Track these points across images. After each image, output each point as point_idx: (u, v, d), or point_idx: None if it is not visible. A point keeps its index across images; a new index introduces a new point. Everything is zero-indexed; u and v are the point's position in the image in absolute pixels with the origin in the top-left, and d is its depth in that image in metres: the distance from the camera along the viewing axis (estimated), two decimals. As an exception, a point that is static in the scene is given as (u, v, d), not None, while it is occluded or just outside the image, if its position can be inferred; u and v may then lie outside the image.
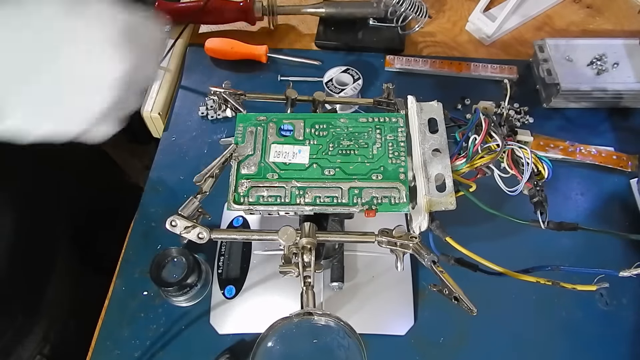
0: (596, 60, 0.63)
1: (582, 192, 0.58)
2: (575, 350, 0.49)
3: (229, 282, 0.51)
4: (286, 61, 0.69)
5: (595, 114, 0.64)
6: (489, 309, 0.49)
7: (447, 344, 0.49)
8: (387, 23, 0.71)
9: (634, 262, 0.38)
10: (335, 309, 0.49)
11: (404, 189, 0.37)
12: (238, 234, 0.37)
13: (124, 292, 0.52)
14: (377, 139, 0.39)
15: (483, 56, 0.70)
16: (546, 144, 0.59)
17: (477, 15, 0.71)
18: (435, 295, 0.35)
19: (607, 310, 0.51)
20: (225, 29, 0.74)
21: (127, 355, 0.49)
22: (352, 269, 0.51)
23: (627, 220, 0.56)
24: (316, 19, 0.73)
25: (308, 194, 0.37)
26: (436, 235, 0.37)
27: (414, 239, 0.35)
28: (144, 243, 0.55)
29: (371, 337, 0.49)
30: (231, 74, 0.69)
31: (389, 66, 0.68)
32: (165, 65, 0.67)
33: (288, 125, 0.40)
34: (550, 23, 0.74)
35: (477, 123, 0.40)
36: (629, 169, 0.58)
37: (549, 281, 0.38)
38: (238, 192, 0.37)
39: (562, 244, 0.54)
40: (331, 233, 0.38)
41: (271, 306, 0.50)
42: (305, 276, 0.34)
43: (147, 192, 0.59)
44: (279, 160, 0.38)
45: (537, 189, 0.38)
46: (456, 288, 0.33)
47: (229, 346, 0.49)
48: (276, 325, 0.33)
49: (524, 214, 0.39)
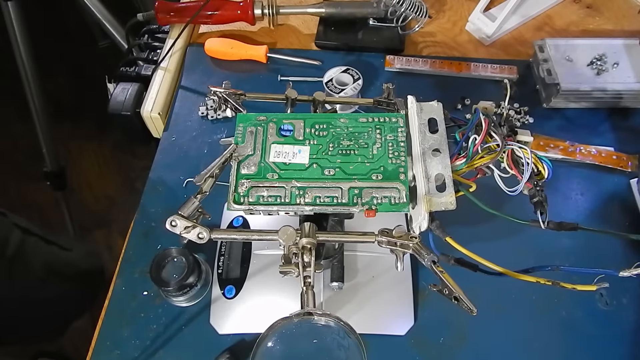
0: (596, 60, 0.63)
1: (582, 192, 0.58)
2: (575, 350, 0.49)
3: (229, 282, 0.51)
4: (286, 61, 0.69)
5: (595, 114, 0.64)
6: (489, 309, 0.49)
7: (447, 344, 0.49)
8: (387, 23, 0.71)
9: (634, 262, 0.38)
10: (335, 309, 0.49)
11: (404, 189, 0.37)
12: (238, 234, 0.37)
13: (124, 292, 0.52)
14: (377, 139, 0.39)
15: (483, 56, 0.70)
16: (546, 144, 0.59)
17: (477, 15, 0.71)
18: (435, 295, 0.35)
19: (607, 310, 0.51)
20: (225, 29, 0.74)
21: (127, 355, 0.49)
22: (352, 269, 0.51)
23: (627, 220, 0.56)
24: (316, 19, 0.73)
25: (308, 194, 0.37)
26: (436, 235, 0.37)
27: (414, 239, 0.35)
28: (144, 243, 0.55)
29: (371, 337, 0.49)
30: (231, 74, 0.69)
31: (389, 66, 0.68)
32: (165, 65, 0.67)
33: (288, 125, 0.40)
34: (550, 23, 0.74)
35: (477, 123, 0.40)
36: (629, 169, 0.58)
37: (549, 281, 0.38)
38: (238, 192, 0.37)
39: (562, 244, 0.54)
40: (331, 233, 0.38)
41: (271, 306, 0.50)
42: (305, 276, 0.34)
43: (147, 192, 0.59)
44: (279, 160, 0.38)
45: (537, 189, 0.38)
46: (456, 288, 0.33)
47: (229, 346, 0.49)
48: (276, 325, 0.33)
49: (524, 214, 0.39)
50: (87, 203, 1.33)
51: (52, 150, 1.11)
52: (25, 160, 1.35)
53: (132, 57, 0.72)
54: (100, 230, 1.27)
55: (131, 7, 1.13)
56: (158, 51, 0.71)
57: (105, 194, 1.35)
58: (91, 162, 1.40)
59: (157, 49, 0.72)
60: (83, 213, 1.28)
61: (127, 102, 0.64)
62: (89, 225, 1.27)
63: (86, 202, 1.33)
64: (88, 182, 1.37)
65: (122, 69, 0.70)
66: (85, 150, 1.41)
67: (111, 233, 1.27)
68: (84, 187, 1.36)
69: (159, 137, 0.64)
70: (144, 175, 0.61)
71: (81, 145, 1.41)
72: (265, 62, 0.69)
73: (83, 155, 1.40)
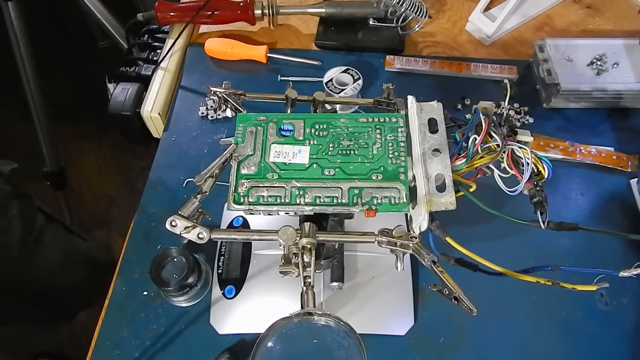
0: (596, 60, 0.63)
1: (582, 192, 0.58)
2: (575, 350, 0.49)
3: (229, 282, 0.51)
4: (286, 61, 0.69)
5: (595, 114, 0.64)
6: (489, 309, 0.49)
7: (447, 344, 0.49)
8: (387, 23, 0.71)
9: (634, 262, 0.38)
10: (335, 309, 0.49)
11: (404, 189, 0.37)
12: (238, 234, 0.37)
13: (124, 292, 0.52)
14: (377, 139, 0.39)
15: (483, 56, 0.70)
16: (546, 144, 0.59)
17: (477, 15, 0.71)
18: (435, 295, 0.35)
19: (607, 310, 0.51)
20: (225, 29, 0.74)
21: (127, 355, 0.49)
22: (352, 269, 0.51)
23: (627, 220, 0.56)
24: (316, 19, 0.73)
25: (308, 194, 0.37)
26: (436, 235, 0.37)
27: (414, 239, 0.35)
28: (144, 243, 0.55)
29: (371, 337, 0.49)
30: (231, 74, 0.69)
31: (389, 66, 0.68)
32: (165, 66, 0.67)
33: (288, 125, 0.40)
34: (550, 23, 0.74)
35: (477, 123, 0.40)
36: (629, 169, 0.58)
37: (549, 281, 0.38)
38: (238, 192, 0.37)
39: (562, 244, 0.54)
40: (331, 233, 0.38)
41: (271, 306, 0.50)
42: (305, 276, 0.34)
43: (147, 192, 0.59)
44: (279, 160, 0.38)
45: (537, 189, 0.38)
46: (456, 288, 0.33)
47: (229, 346, 0.49)
48: (276, 325, 0.33)
49: (524, 214, 0.39)
50: (87, 203, 1.33)
51: (52, 150, 1.11)
52: (25, 160, 1.35)
53: (132, 57, 0.72)
54: (100, 230, 1.27)
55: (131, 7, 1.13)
56: (158, 51, 0.71)
57: (105, 193, 1.35)
58: (91, 162, 1.40)
59: (157, 49, 0.72)
60: (83, 213, 1.29)
61: (127, 102, 0.64)
62: (88, 225, 1.27)
63: (86, 202, 1.33)
64: (88, 182, 1.37)
65: (122, 69, 0.70)
66: (85, 150, 1.41)
67: (111, 233, 1.27)
68: (84, 187, 1.36)
69: (159, 137, 0.64)
70: (144, 175, 0.61)
71: (81, 145, 1.41)
72: (265, 62, 0.69)
73: (83, 155, 1.41)
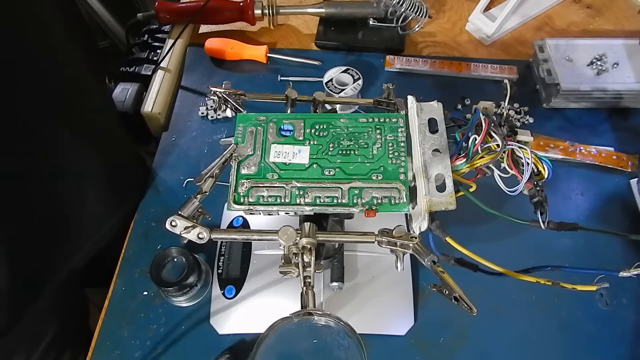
0: (596, 60, 0.63)
1: (582, 192, 0.58)
2: (575, 350, 0.49)
3: (229, 282, 0.51)
4: (286, 61, 0.69)
5: (595, 114, 0.64)
6: (489, 309, 0.49)
7: (447, 344, 0.49)
8: (387, 23, 0.71)
9: (634, 262, 0.38)
10: (335, 309, 0.49)
11: (404, 189, 0.37)
12: (238, 234, 0.37)
13: (124, 292, 0.52)
14: (377, 139, 0.39)
15: (483, 56, 0.70)
16: (546, 144, 0.59)
17: (477, 15, 0.71)
18: (435, 295, 0.35)
19: (607, 310, 0.51)
20: (225, 29, 0.74)
21: (127, 355, 0.49)
22: (352, 269, 0.51)
23: (627, 220, 0.56)
24: (316, 19, 0.73)
25: (308, 194, 0.37)
26: (436, 235, 0.37)
27: (414, 239, 0.35)
28: (144, 243, 0.55)
29: (371, 337, 0.49)
30: (231, 74, 0.69)
31: (389, 66, 0.68)
32: (165, 65, 0.67)
33: (288, 125, 0.40)
34: (550, 23, 0.74)
35: (477, 123, 0.40)
36: (629, 169, 0.58)
37: (549, 281, 0.38)
38: (238, 192, 0.37)
39: (562, 244, 0.54)
40: (331, 233, 0.38)
41: (271, 306, 0.50)
42: (305, 276, 0.34)
43: (147, 192, 0.59)
44: (279, 160, 0.38)
45: (537, 189, 0.38)
46: (456, 288, 0.33)
47: (229, 346, 0.49)
48: (276, 325, 0.33)
49: (524, 214, 0.39)
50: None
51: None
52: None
53: (132, 57, 0.72)
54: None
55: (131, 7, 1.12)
56: (158, 51, 0.71)
57: (105, 194, 1.34)
58: (91, 162, 1.40)
59: (157, 49, 0.71)
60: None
61: (127, 102, 0.64)
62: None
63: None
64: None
65: (122, 68, 0.70)
66: (85, 150, 1.41)
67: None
68: (84, 187, 1.35)
69: (159, 137, 0.64)
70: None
71: (81, 145, 1.41)
72: (265, 62, 0.69)
73: (83, 155, 1.40)
